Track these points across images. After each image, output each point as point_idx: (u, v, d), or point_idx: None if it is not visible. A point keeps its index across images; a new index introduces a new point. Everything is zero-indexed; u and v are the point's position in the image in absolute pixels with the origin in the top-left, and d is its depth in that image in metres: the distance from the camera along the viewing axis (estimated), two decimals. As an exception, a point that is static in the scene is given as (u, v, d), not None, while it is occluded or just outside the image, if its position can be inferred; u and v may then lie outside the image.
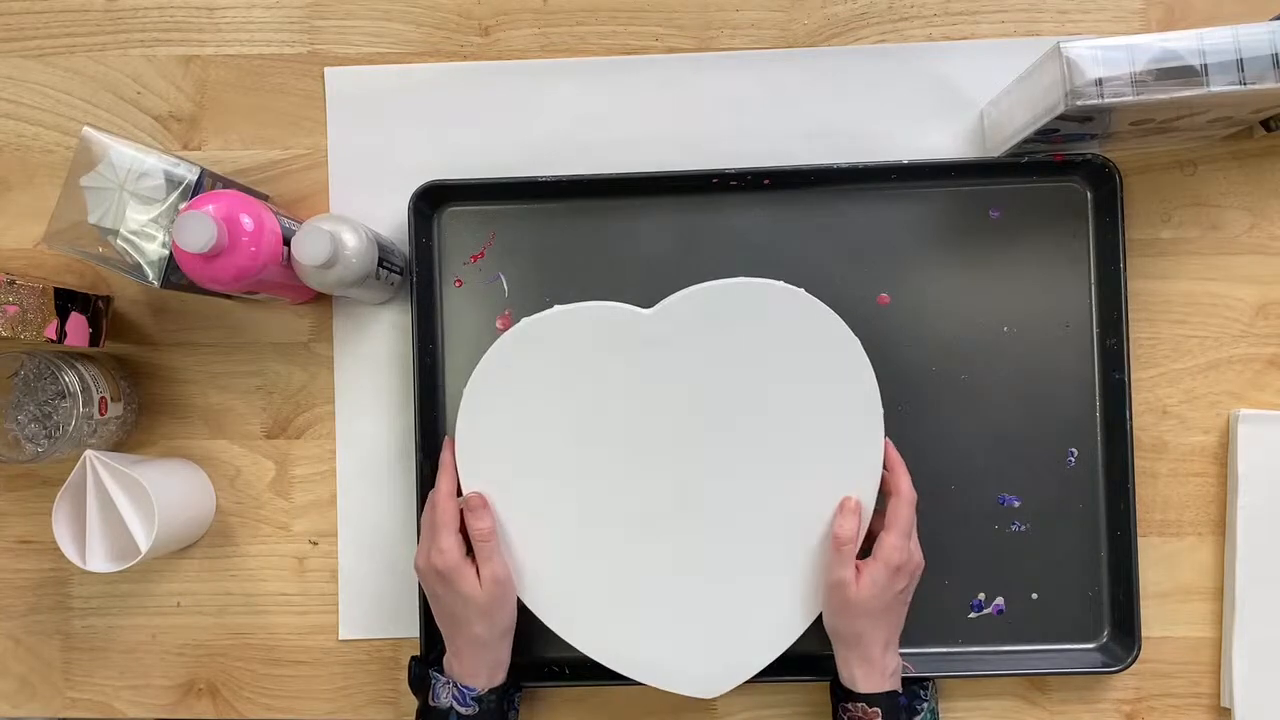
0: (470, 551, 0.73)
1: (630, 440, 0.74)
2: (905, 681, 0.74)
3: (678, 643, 0.75)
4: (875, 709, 0.71)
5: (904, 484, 0.73)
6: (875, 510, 0.74)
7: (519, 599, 0.74)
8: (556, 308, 0.74)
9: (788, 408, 0.73)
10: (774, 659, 0.75)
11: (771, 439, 0.73)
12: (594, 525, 0.75)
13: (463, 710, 0.72)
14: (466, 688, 0.72)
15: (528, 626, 0.75)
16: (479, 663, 0.73)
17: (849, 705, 0.72)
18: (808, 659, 0.76)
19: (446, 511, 0.73)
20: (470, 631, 0.72)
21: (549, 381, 0.74)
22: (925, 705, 0.74)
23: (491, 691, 0.73)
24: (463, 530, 0.73)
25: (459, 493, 0.75)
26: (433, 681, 0.74)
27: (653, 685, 0.75)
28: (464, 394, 0.74)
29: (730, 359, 0.73)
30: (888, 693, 0.71)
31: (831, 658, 0.74)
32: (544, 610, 0.75)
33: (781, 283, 0.73)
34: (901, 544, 0.71)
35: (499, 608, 0.72)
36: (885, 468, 0.74)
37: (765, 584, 0.74)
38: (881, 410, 0.73)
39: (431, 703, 0.73)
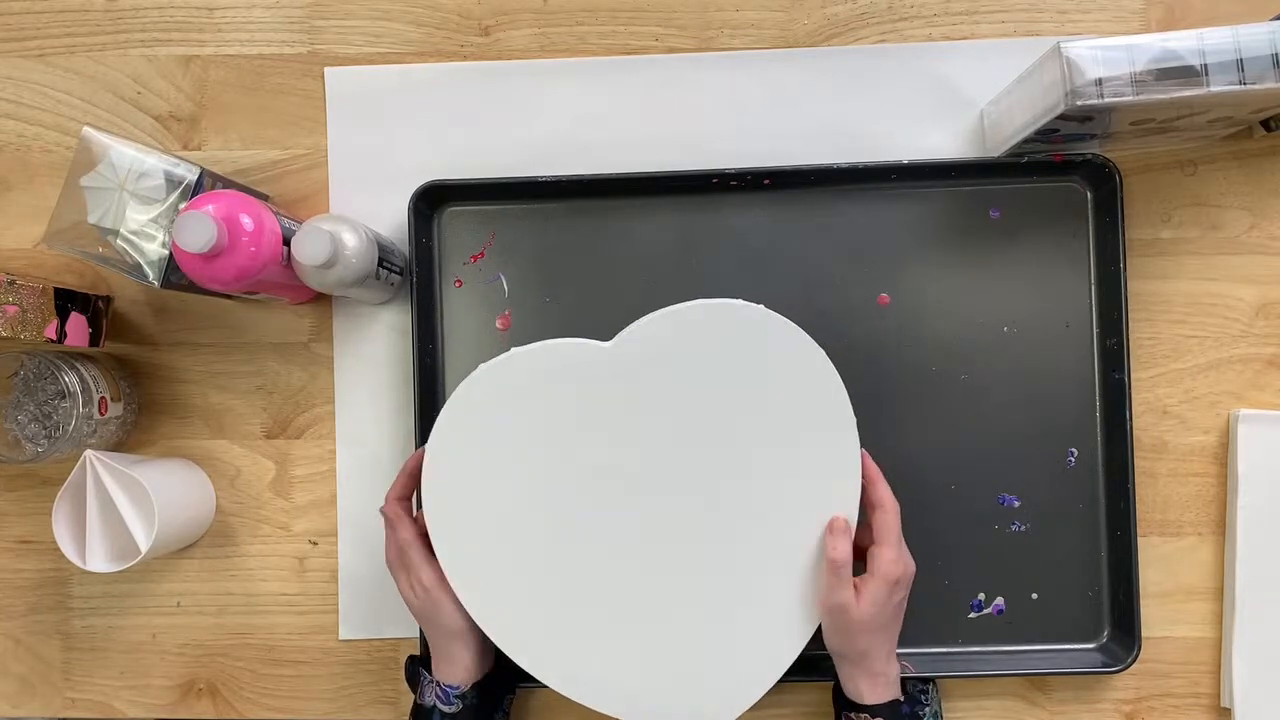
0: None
1: (603, 477, 0.72)
2: (906, 683, 0.74)
3: (668, 680, 0.73)
4: (879, 719, 0.71)
5: (885, 495, 0.71)
6: (859, 524, 0.72)
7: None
8: (514, 350, 0.71)
9: (759, 428, 0.71)
10: (768, 689, 0.73)
11: (745, 461, 0.71)
12: (573, 568, 0.72)
13: (445, 709, 0.73)
14: (449, 686, 0.73)
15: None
16: (439, 660, 0.74)
17: (853, 715, 0.72)
18: (806, 660, 0.76)
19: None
20: (425, 632, 0.75)
21: (515, 427, 0.72)
22: (928, 710, 0.74)
23: (474, 687, 0.73)
24: (428, 544, 0.73)
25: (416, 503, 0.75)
26: (421, 680, 0.74)
27: None
28: (428, 444, 0.72)
29: (695, 385, 0.71)
30: (891, 702, 0.71)
31: (828, 657, 0.74)
32: (533, 664, 0.73)
33: (741, 301, 0.71)
34: (895, 556, 0.70)
35: (435, 610, 0.72)
36: (864, 481, 0.72)
37: (753, 612, 0.72)
38: (854, 420, 0.71)
39: (419, 701, 0.74)
